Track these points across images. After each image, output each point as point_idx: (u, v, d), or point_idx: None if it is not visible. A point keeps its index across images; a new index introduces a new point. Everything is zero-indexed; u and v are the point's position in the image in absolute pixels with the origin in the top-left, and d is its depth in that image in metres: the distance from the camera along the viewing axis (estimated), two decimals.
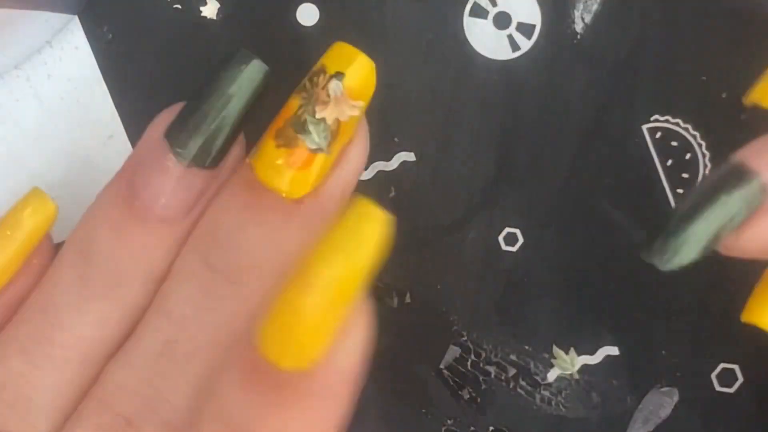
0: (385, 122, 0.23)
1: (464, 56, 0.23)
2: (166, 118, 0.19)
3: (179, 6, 0.23)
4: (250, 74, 0.19)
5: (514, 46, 0.23)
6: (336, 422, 0.16)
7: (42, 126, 0.23)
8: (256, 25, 0.23)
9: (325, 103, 0.18)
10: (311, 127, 0.18)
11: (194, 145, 0.18)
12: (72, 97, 0.23)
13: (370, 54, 0.23)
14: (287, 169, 0.18)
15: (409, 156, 0.23)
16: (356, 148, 0.19)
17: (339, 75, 0.18)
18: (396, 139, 0.23)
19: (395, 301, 0.24)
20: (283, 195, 0.18)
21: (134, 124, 0.23)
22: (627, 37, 0.23)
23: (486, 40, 0.23)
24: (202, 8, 0.23)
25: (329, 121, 0.18)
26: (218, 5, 0.23)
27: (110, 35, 0.23)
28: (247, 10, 0.23)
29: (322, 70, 0.18)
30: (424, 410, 0.24)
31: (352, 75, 0.18)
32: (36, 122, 0.23)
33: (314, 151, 0.18)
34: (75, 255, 0.20)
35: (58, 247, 0.20)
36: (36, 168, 0.23)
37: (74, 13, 0.23)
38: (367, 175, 0.23)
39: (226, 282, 0.19)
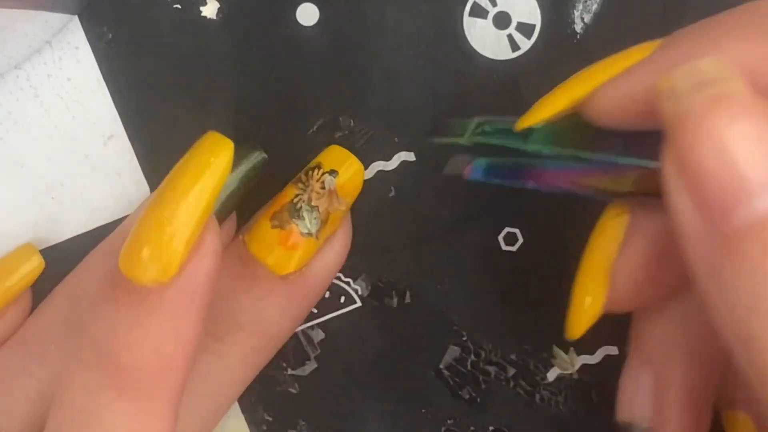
0: (385, 122, 0.23)
1: (464, 56, 0.23)
2: None
3: (179, 6, 0.23)
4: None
5: (514, 46, 0.23)
6: (190, 338, 0.17)
7: (42, 126, 0.23)
8: (256, 25, 0.23)
9: (319, 194, 0.21)
10: (305, 214, 0.21)
11: None
12: (72, 97, 0.23)
13: (371, 54, 0.23)
14: (278, 247, 0.21)
15: (409, 156, 0.23)
16: (340, 238, 0.22)
17: (333, 172, 0.21)
18: (396, 139, 0.23)
19: (395, 301, 0.24)
20: (271, 269, 0.21)
21: (134, 124, 0.23)
22: (627, 37, 0.23)
23: (486, 40, 0.23)
24: (202, 8, 0.23)
25: (321, 210, 0.21)
26: (218, 5, 0.23)
27: (110, 35, 0.23)
28: (247, 10, 0.23)
29: (318, 167, 0.21)
30: (424, 410, 0.24)
31: (344, 173, 0.21)
32: (36, 122, 0.23)
33: (305, 236, 0.21)
34: (64, 299, 0.22)
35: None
36: (36, 168, 0.23)
37: (74, 13, 0.23)
38: (367, 174, 0.23)
39: (211, 338, 0.21)
